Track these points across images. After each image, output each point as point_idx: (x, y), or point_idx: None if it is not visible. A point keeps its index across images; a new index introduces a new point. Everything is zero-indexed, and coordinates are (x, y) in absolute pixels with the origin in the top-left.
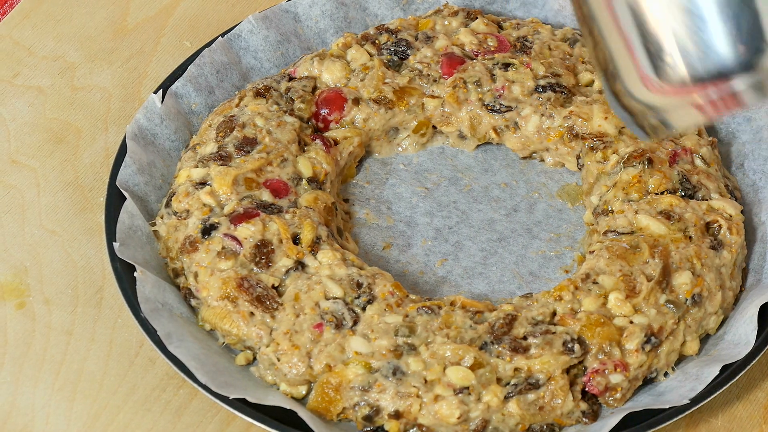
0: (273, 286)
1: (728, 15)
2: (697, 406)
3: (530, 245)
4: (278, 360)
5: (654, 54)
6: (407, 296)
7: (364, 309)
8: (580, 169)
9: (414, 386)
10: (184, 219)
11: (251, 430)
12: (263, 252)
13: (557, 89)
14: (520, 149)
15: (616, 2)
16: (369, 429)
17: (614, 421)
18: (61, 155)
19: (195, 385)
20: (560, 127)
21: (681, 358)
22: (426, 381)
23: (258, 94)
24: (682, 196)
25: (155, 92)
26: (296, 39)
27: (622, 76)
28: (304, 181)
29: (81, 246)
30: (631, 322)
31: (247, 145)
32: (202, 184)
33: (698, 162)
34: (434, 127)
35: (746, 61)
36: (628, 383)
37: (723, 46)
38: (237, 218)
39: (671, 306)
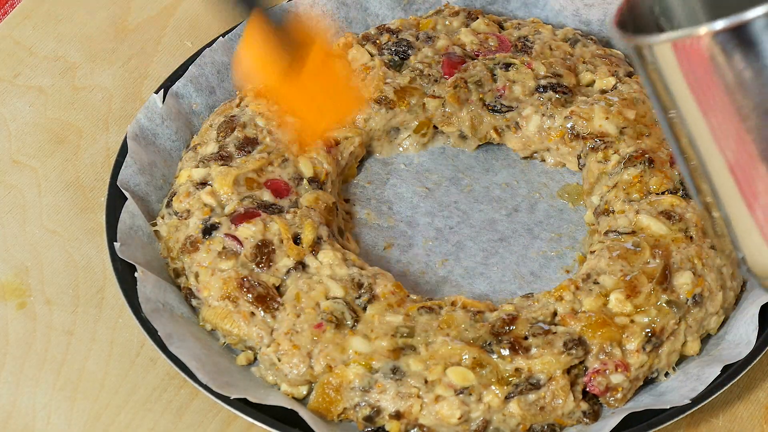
0: (274, 286)
1: None
2: (698, 406)
3: (531, 245)
4: (279, 360)
5: None
6: (408, 296)
7: (364, 309)
8: (581, 169)
9: (415, 386)
10: (185, 219)
11: (252, 430)
12: (264, 252)
13: (558, 89)
14: (521, 149)
15: (742, 159)
16: (370, 429)
17: (615, 421)
18: (62, 155)
19: (196, 385)
20: (561, 127)
21: (682, 359)
22: (427, 381)
23: (259, 94)
24: (683, 197)
25: (156, 92)
26: None
27: (744, 238)
28: (305, 181)
29: (82, 246)
30: (632, 322)
31: (248, 145)
32: (203, 184)
33: None
34: (435, 127)
35: None
36: (629, 383)
37: None
38: (238, 218)
39: (672, 306)
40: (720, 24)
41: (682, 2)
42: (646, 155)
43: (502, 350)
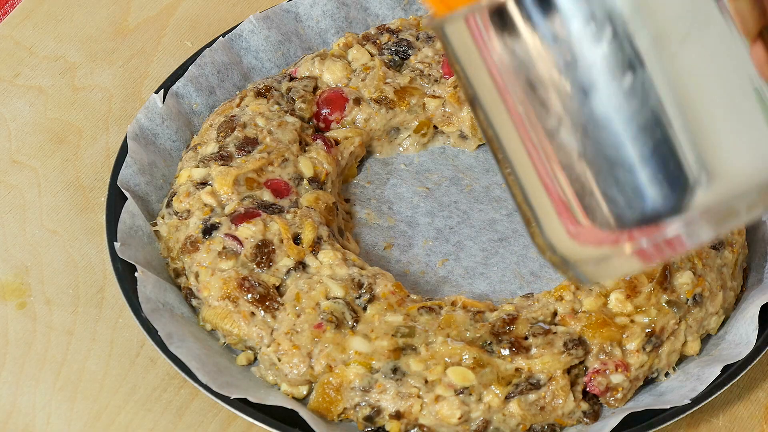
0: (274, 286)
1: (648, 157)
2: (698, 406)
3: (531, 245)
4: (279, 360)
5: (580, 198)
6: (408, 296)
7: (365, 309)
8: None
9: (415, 386)
10: (185, 219)
11: (252, 430)
12: (264, 252)
13: None
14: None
15: (534, 139)
16: (370, 429)
17: (615, 421)
18: (62, 155)
19: (196, 385)
20: None
21: (682, 358)
22: (427, 381)
23: (259, 94)
24: None
25: (156, 92)
26: (297, 39)
27: (540, 220)
28: (305, 181)
29: (82, 246)
30: (632, 322)
31: (248, 145)
32: (203, 184)
33: None
34: (435, 127)
35: (674, 203)
36: (629, 383)
37: (648, 189)
38: (238, 218)
39: (672, 306)
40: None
41: None
42: None
43: (502, 350)
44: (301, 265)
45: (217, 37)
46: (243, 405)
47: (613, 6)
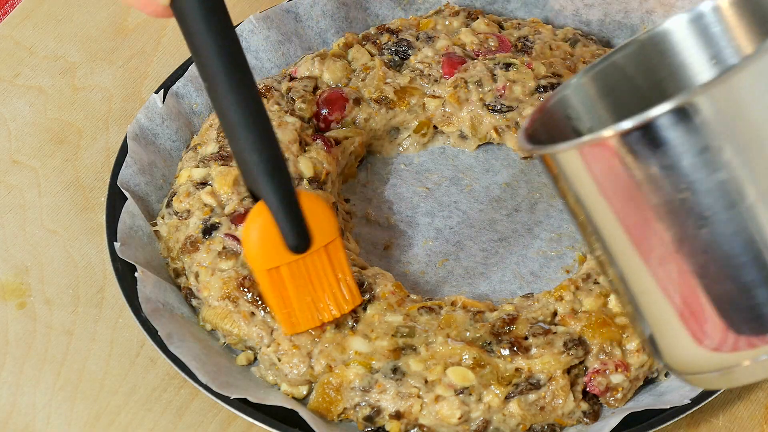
0: None
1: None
2: (699, 406)
3: (531, 245)
4: (279, 360)
5: (697, 315)
6: (408, 296)
7: (365, 309)
8: None
9: (415, 386)
10: (185, 219)
11: (252, 430)
12: None
13: None
14: (521, 149)
15: (654, 261)
16: (370, 429)
17: (615, 421)
18: (62, 155)
19: (196, 385)
20: None
21: None
22: (427, 381)
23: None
24: None
25: (156, 92)
26: (297, 39)
27: (658, 334)
28: (305, 181)
29: (82, 246)
30: None
31: None
32: (203, 184)
33: None
34: (435, 127)
35: None
36: (629, 383)
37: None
38: (238, 218)
39: None
40: (625, 125)
41: (588, 108)
42: None
43: (502, 350)
44: None
45: None
46: (243, 405)
47: (728, 134)
